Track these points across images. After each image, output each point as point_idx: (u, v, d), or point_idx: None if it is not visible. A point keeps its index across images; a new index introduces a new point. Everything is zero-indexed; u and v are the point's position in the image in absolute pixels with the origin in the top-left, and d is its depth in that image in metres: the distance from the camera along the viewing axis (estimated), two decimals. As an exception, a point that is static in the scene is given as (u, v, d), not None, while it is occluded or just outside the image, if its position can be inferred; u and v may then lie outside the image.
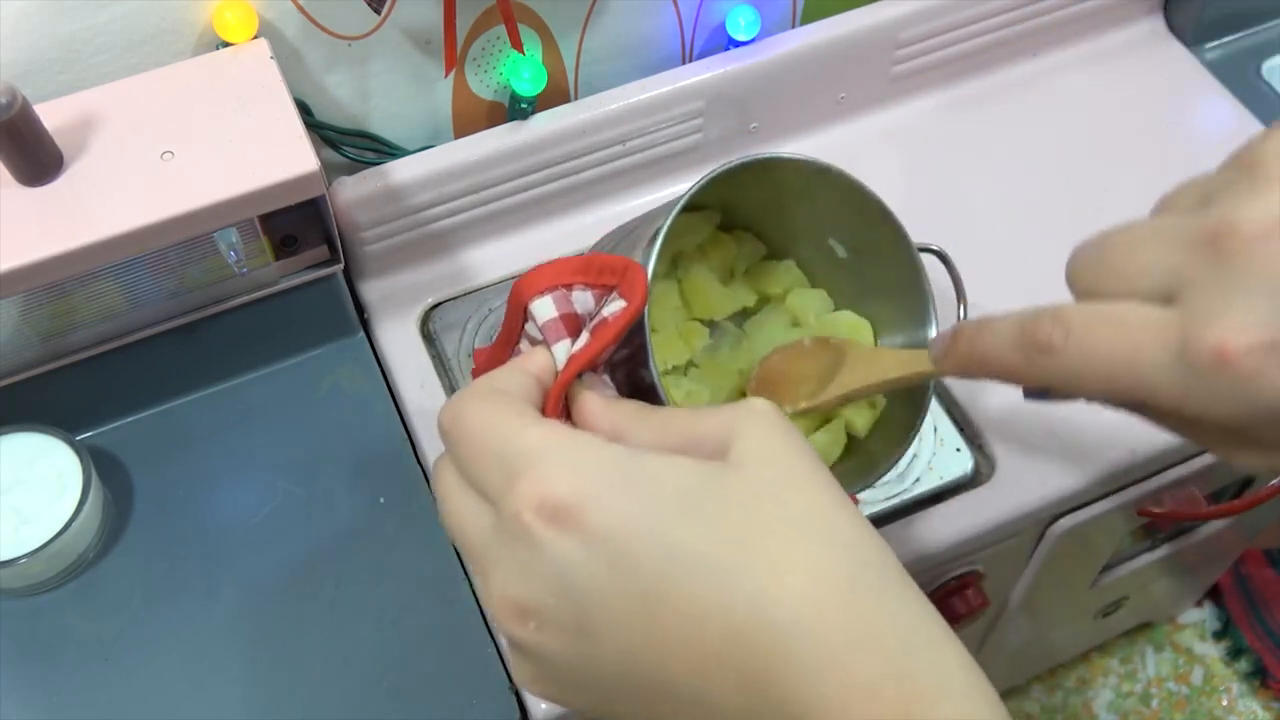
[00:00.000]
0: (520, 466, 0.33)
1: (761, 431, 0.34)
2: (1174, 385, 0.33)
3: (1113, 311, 0.35)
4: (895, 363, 0.50)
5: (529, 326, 0.42)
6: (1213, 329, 0.32)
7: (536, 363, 0.40)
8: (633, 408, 0.38)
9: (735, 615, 0.30)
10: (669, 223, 0.47)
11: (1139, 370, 0.34)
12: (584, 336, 0.40)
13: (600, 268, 0.40)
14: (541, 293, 0.40)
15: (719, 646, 0.30)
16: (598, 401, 0.38)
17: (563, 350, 0.40)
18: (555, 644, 0.32)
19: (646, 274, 0.39)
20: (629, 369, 0.46)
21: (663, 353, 0.58)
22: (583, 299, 0.41)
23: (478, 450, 0.35)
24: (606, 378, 0.42)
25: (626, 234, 0.54)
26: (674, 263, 0.60)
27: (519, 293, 0.41)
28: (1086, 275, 0.37)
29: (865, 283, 0.58)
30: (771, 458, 0.33)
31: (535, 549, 0.32)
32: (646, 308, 0.41)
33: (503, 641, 0.60)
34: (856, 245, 0.57)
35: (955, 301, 0.58)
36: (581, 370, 0.39)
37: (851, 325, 0.58)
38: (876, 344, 0.58)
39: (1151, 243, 0.35)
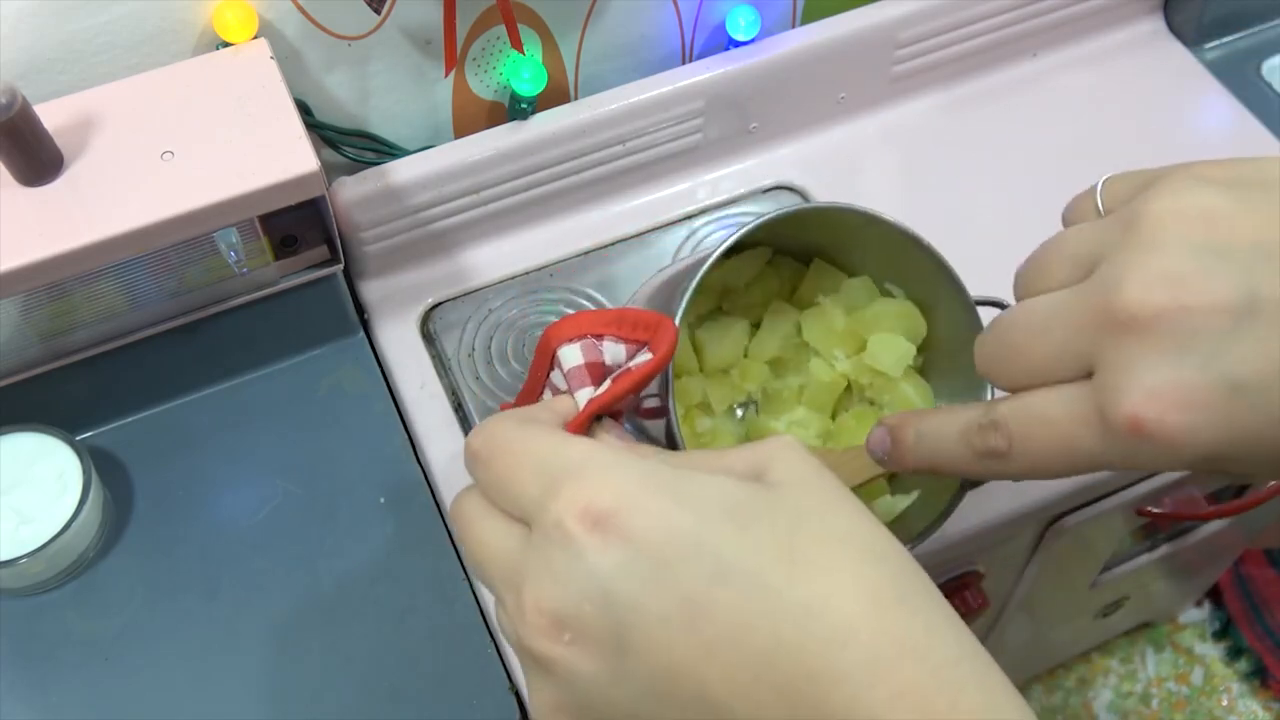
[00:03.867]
0: (562, 476, 0.32)
1: (794, 459, 0.34)
2: (1112, 459, 0.36)
3: (1041, 410, 0.37)
4: (847, 471, 0.48)
5: (554, 376, 0.42)
6: (1123, 404, 0.34)
7: (560, 404, 0.39)
8: (654, 449, 0.38)
9: (783, 627, 0.30)
10: (698, 278, 0.47)
11: (1078, 458, 0.37)
12: (606, 384, 0.40)
13: (634, 322, 0.40)
14: (570, 340, 0.40)
15: (764, 660, 0.30)
16: (616, 444, 0.38)
17: (584, 397, 0.40)
18: (589, 660, 0.31)
19: (676, 329, 0.39)
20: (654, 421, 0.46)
21: (721, 390, 0.59)
22: (614, 351, 0.41)
23: (514, 465, 0.34)
24: (626, 428, 0.41)
25: (667, 284, 0.53)
26: (723, 296, 0.60)
27: (548, 339, 0.41)
28: (999, 372, 0.39)
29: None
30: (808, 482, 0.33)
31: (576, 555, 0.31)
32: (671, 364, 0.41)
33: (503, 642, 0.60)
34: (912, 296, 0.57)
35: None
36: (599, 413, 0.38)
37: (899, 313, 0.57)
38: (930, 339, 0.58)
39: (1048, 333, 0.37)
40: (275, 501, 0.64)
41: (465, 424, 0.68)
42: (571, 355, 0.40)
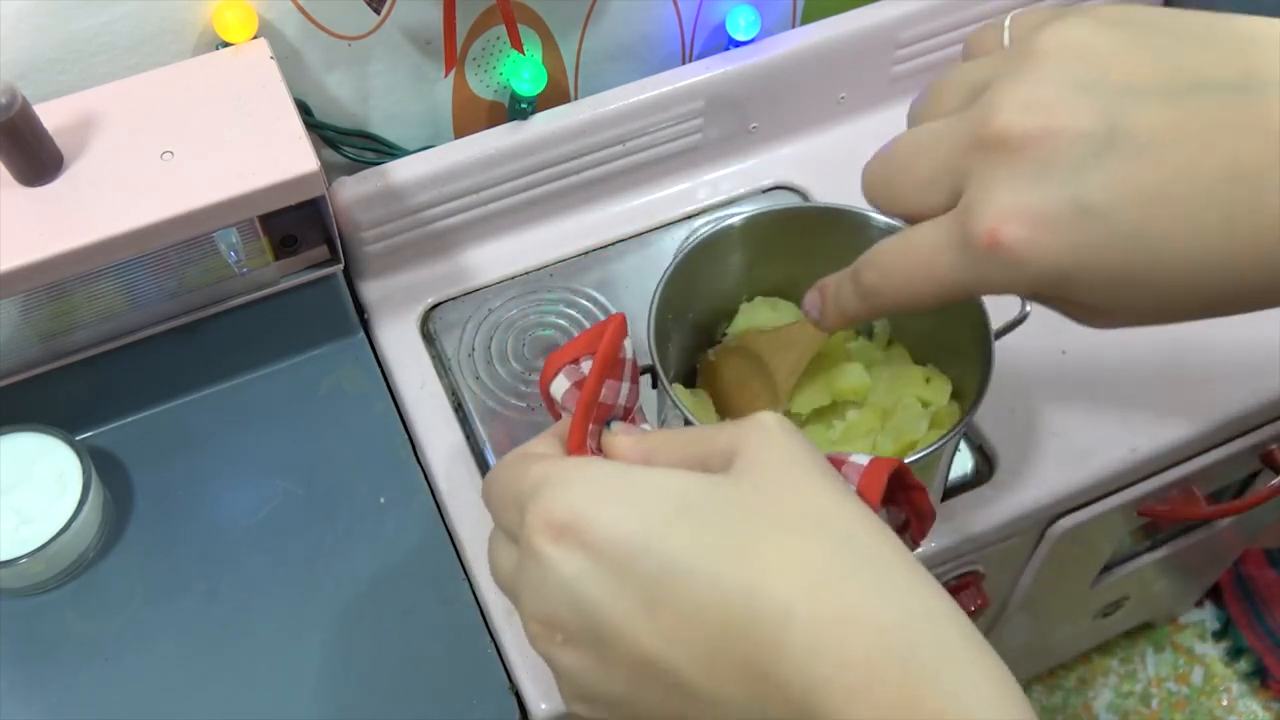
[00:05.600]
0: (528, 498, 0.36)
1: (762, 441, 0.36)
2: (967, 279, 0.38)
3: (908, 238, 0.40)
4: (804, 338, 0.53)
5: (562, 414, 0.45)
6: (981, 219, 0.36)
7: (559, 427, 0.43)
8: (659, 435, 0.40)
9: (731, 610, 0.32)
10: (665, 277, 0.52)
11: (939, 278, 0.39)
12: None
13: (596, 332, 0.43)
14: (554, 375, 0.43)
15: (720, 642, 0.32)
16: (626, 439, 0.41)
17: None
18: (578, 657, 0.35)
19: (622, 316, 0.42)
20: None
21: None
22: (590, 364, 0.43)
23: (498, 498, 0.38)
24: (647, 425, 0.44)
25: None
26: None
27: (542, 387, 0.44)
28: (880, 195, 0.42)
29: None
30: (769, 464, 0.35)
31: (546, 567, 0.34)
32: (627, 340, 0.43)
33: (503, 642, 0.60)
34: None
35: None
36: (587, 416, 0.41)
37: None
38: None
39: (929, 152, 0.39)
40: (275, 501, 0.64)
41: (465, 424, 0.68)
42: (560, 386, 0.43)
